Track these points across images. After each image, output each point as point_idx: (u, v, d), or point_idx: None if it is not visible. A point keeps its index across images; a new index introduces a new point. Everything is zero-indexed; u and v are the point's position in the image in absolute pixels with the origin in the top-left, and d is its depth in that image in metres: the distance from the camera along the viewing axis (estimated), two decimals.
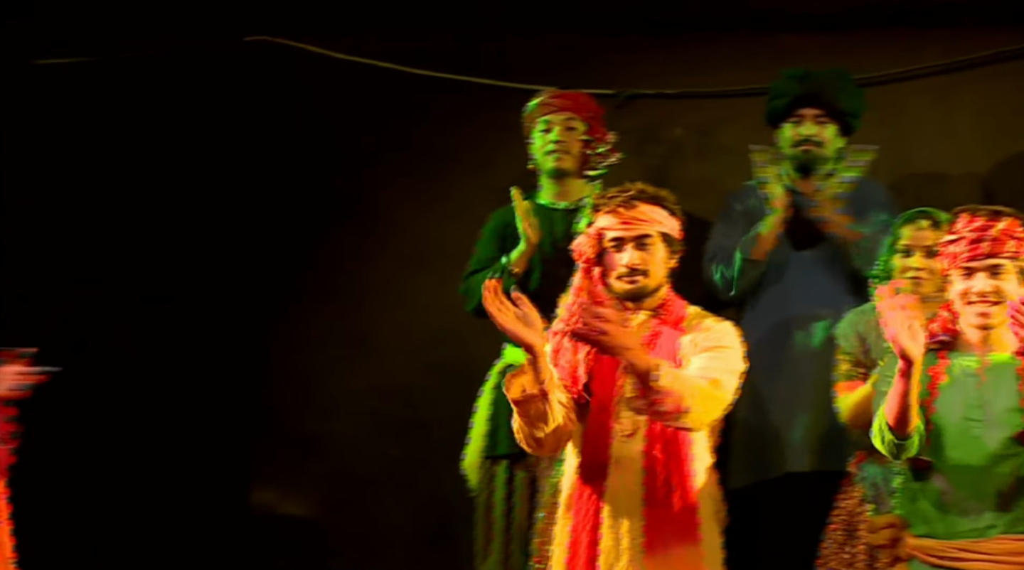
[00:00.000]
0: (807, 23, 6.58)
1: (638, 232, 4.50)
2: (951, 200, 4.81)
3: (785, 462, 5.79)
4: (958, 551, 4.34)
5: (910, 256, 5.27)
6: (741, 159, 6.47)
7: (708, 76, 6.68)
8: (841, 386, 5.34)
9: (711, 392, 4.35)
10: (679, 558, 4.39)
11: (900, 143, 6.53)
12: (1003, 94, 6.50)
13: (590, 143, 5.95)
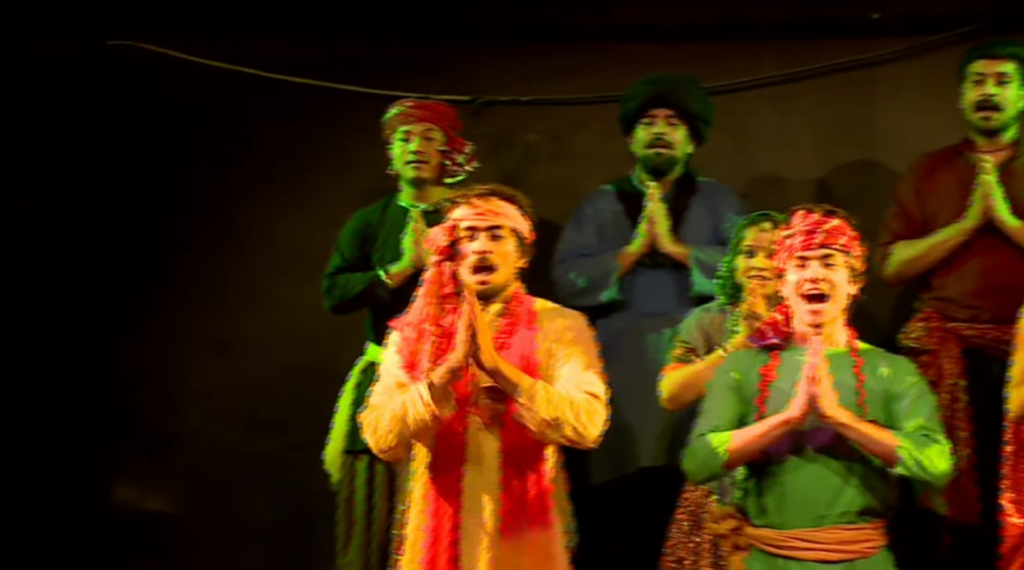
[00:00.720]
0: (655, 33, 6.71)
1: (491, 222, 4.51)
2: (791, 203, 4.88)
3: (639, 457, 5.90)
4: (794, 541, 4.44)
5: (753, 257, 5.36)
6: (593, 163, 6.64)
7: (561, 83, 6.78)
8: (669, 367, 5.43)
9: (589, 405, 4.41)
10: (533, 542, 4.44)
11: (743, 150, 6.73)
12: (836, 103, 6.69)
13: (448, 153, 6.01)
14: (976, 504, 5.60)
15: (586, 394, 4.42)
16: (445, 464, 4.48)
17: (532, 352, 4.50)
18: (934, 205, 5.96)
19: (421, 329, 4.48)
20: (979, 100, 5.89)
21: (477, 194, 4.56)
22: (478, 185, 4.64)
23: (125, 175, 6.83)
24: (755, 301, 5.20)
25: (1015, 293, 5.39)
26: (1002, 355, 5.23)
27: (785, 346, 4.62)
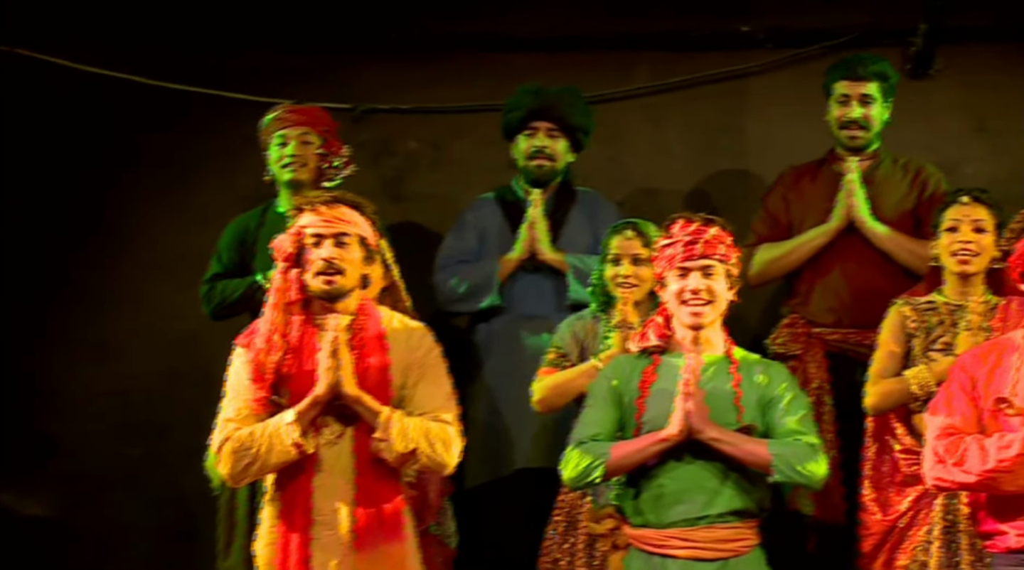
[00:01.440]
0: (532, 44, 6.77)
1: (337, 229, 4.51)
2: (665, 211, 4.95)
3: (516, 459, 5.91)
4: (672, 539, 4.48)
5: (619, 264, 5.40)
6: (473, 172, 6.67)
7: (441, 92, 6.79)
8: (544, 371, 5.44)
9: (444, 433, 4.46)
10: (388, 555, 4.45)
11: (617, 159, 6.79)
12: (708, 113, 6.79)
13: (325, 156, 5.96)
14: (841, 504, 5.68)
15: (441, 422, 4.48)
16: (297, 476, 4.47)
17: (384, 368, 4.53)
18: (800, 211, 6.06)
19: (269, 340, 4.49)
20: (844, 121, 6.00)
21: (323, 201, 4.55)
22: (323, 192, 4.67)
23: (5, 180, 6.73)
24: (625, 309, 5.25)
25: (876, 298, 5.52)
26: (864, 358, 5.36)
27: (665, 349, 4.67)
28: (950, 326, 5.18)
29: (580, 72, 6.62)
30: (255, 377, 4.48)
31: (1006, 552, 4.28)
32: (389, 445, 4.40)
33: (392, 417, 4.42)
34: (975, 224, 5.17)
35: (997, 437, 4.24)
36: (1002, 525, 4.28)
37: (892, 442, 5.27)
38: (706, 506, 4.48)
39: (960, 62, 6.65)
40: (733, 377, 4.58)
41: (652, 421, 4.53)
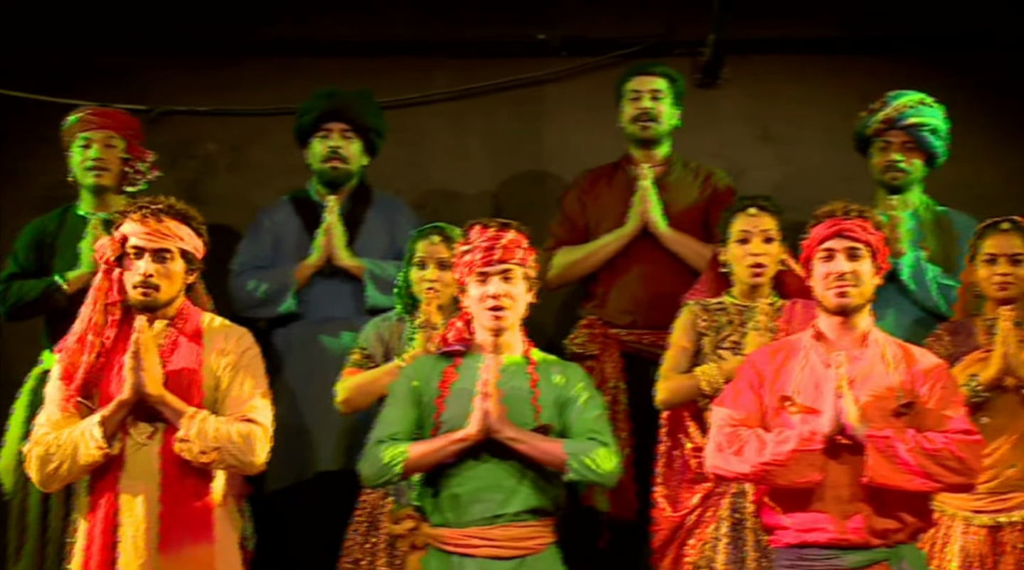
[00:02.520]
0: (331, 48, 6.74)
1: (159, 245, 4.48)
2: (466, 215, 4.98)
3: (318, 462, 5.86)
4: (469, 538, 4.48)
5: (425, 268, 5.39)
6: (271, 174, 6.60)
7: (240, 95, 6.73)
8: (348, 372, 5.41)
9: (251, 434, 4.44)
10: (193, 557, 4.40)
11: (417, 163, 6.79)
12: (506, 119, 6.83)
13: (129, 161, 5.87)
14: (634, 501, 5.73)
15: (250, 423, 4.46)
16: (105, 478, 4.43)
17: (197, 368, 4.50)
18: (596, 215, 6.12)
19: (83, 339, 4.44)
20: (636, 114, 6.09)
21: (151, 212, 4.50)
22: (154, 198, 4.57)
23: None
24: (430, 311, 5.24)
25: (670, 300, 5.58)
26: (659, 358, 5.43)
27: (466, 351, 4.67)
28: (738, 326, 5.27)
29: (380, 77, 6.62)
30: (65, 375, 4.42)
31: (786, 547, 4.37)
32: (191, 446, 4.37)
33: (195, 417, 4.38)
34: (764, 234, 5.28)
35: (776, 432, 4.34)
36: (783, 520, 4.37)
37: (684, 440, 5.34)
38: (503, 505, 4.49)
39: (746, 72, 6.80)
40: (531, 378, 4.60)
41: (451, 421, 4.53)
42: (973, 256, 5.24)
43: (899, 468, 4.23)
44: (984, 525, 5.00)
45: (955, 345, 5.20)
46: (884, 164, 5.90)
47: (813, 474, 4.27)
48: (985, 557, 4.98)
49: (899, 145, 5.88)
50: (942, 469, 4.25)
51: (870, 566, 4.29)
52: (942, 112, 5.91)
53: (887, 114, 5.89)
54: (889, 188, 5.90)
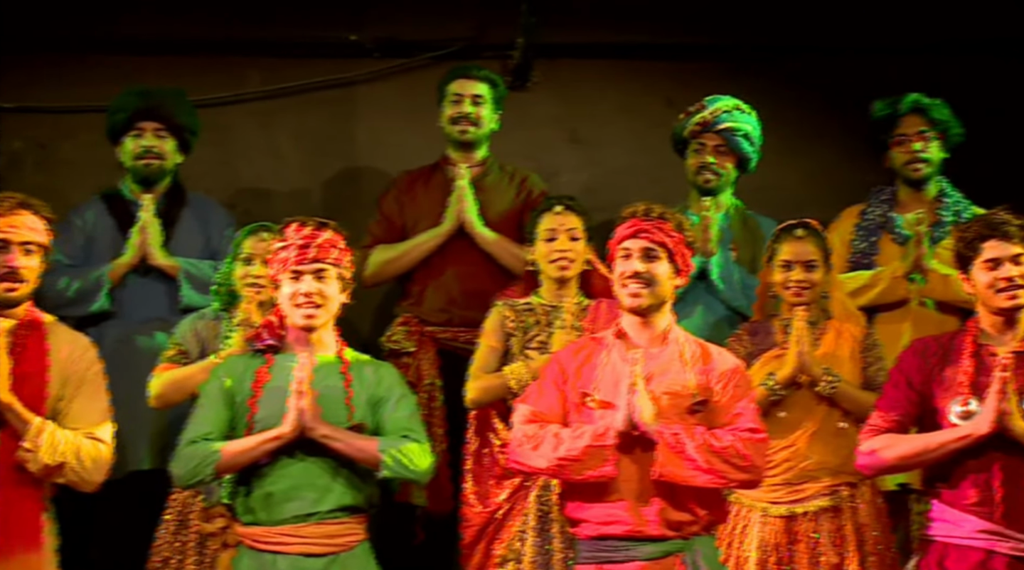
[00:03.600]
0: (143, 47, 6.66)
1: (25, 237, 4.46)
2: (278, 214, 4.96)
3: (128, 462, 5.78)
4: (281, 536, 4.46)
5: (251, 264, 5.37)
6: (81, 172, 6.48)
7: (49, 92, 6.61)
8: (162, 367, 5.36)
9: (96, 452, 4.42)
10: (24, 563, 4.36)
11: (230, 162, 6.74)
12: (319, 119, 6.81)
13: None
14: (450, 496, 5.76)
15: (94, 439, 4.44)
16: None
17: (43, 373, 4.45)
18: (414, 215, 6.15)
19: None
20: (456, 116, 6.13)
21: (9, 207, 4.46)
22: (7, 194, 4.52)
23: None
24: (250, 308, 5.20)
25: (485, 299, 5.65)
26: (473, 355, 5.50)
27: (279, 349, 4.66)
28: (546, 326, 5.34)
29: (191, 76, 6.55)
30: None
31: (586, 539, 4.43)
32: (36, 456, 4.32)
33: (44, 429, 4.33)
34: (570, 233, 5.36)
35: (573, 428, 4.40)
36: (584, 513, 4.43)
37: (492, 437, 5.39)
38: (316, 503, 4.48)
39: (555, 76, 6.88)
40: (344, 377, 4.60)
41: (264, 420, 4.51)
42: (770, 258, 5.35)
43: (686, 464, 4.31)
44: (780, 515, 5.13)
45: (755, 344, 5.32)
46: (698, 165, 6.02)
47: (607, 469, 4.33)
48: (781, 546, 5.11)
49: (713, 148, 6.00)
50: (728, 467, 4.34)
51: (665, 557, 4.36)
52: (756, 119, 6.05)
53: (703, 117, 6.00)
54: (702, 190, 6.01)
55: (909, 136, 5.96)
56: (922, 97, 5.97)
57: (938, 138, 5.98)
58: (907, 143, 5.97)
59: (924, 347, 4.64)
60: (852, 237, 5.96)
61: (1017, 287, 4.48)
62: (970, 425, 4.40)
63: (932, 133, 5.96)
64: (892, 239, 5.94)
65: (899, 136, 5.97)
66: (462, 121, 6.13)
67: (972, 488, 4.42)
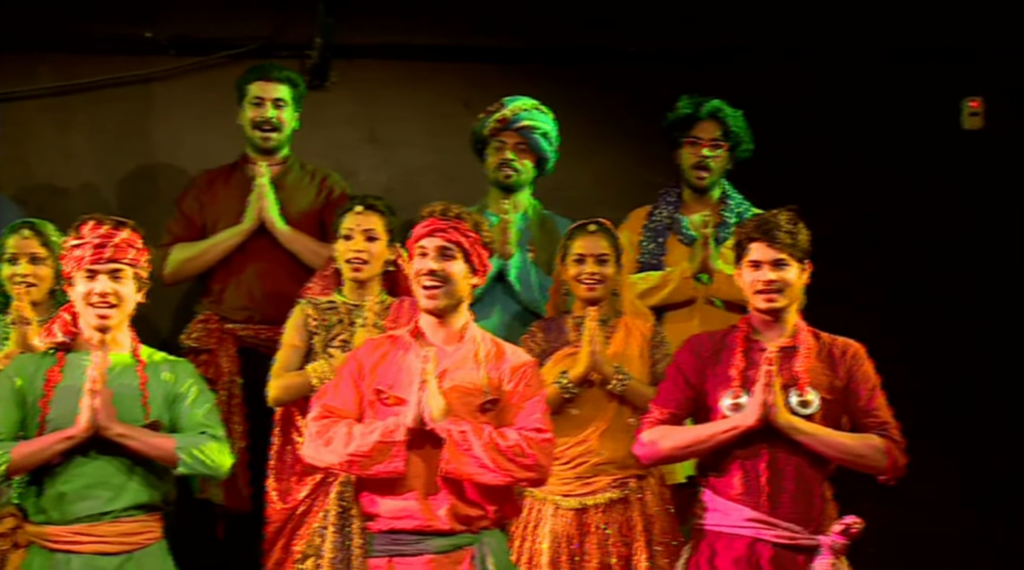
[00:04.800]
0: None
1: None
2: (72, 212, 4.91)
3: None
4: (74, 535, 4.44)
5: (16, 264, 5.30)
6: None
7: None
8: None
9: None
10: None
11: (21, 159, 6.60)
12: (114, 116, 6.70)
13: None
14: (249, 493, 5.76)
15: None
16: None
17: None
18: (214, 213, 6.10)
19: None
20: (258, 121, 6.10)
21: None
22: None
23: None
24: (22, 307, 5.11)
25: (286, 297, 5.65)
26: (275, 353, 5.46)
27: (71, 347, 4.60)
28: (348, 324, 5.35)
29: None
30: None
31: (380, 533, 4.47)
32: None
33: None
34: (367, 233, 5.38)
35: (365, 423, 4.44)
36: (376, 508, 4.47)
37: (295, 435, 5.38)
38: (111, 501, 4.46)
39: (353, 76, 6.86)
40: (140, 376, 4.58)
41: (56, 420, 4.46)
42: (563, 256, 5.44)
43: (472, 462, 4.37)
44: (572, 508, 5.22)
45: (548, 342, 5.40)
46: (498, 162, 6.07)
47: (397, 464, 4.38)
48: (572, 538, 5.20)
49: (512, 146, 6.05)
50: (513, 465, 4.41)
51: (454, 551, 4.43)
52: (553, 119, 6.12)
53: (503, 115, 6.05)
54: (502, 187, 6.07)
55: (702, 140, 6.09)
56: (725, 106, 6.10)
57: (729, 149, 6.11)
58: (698, 146, 6.09)
59: (698, 344, 4.77)
60: (641, 238, 6.08)
61: (774, 291, 4.62)
62: (738, 417, 4.55)
63: (724, 142, 6.10)
64: (679, 240, 6.07)
65: (693, 138, 6.10)
66: (264, 126, 6.10)
67: (740, 478, 4.56)
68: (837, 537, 4.51)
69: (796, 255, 4.63)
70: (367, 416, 4.49)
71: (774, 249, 4.61)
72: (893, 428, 4.63)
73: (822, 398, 4.59)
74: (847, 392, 4.64)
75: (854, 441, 4.58)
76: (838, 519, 4.56)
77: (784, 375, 4.58)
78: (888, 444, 4.59)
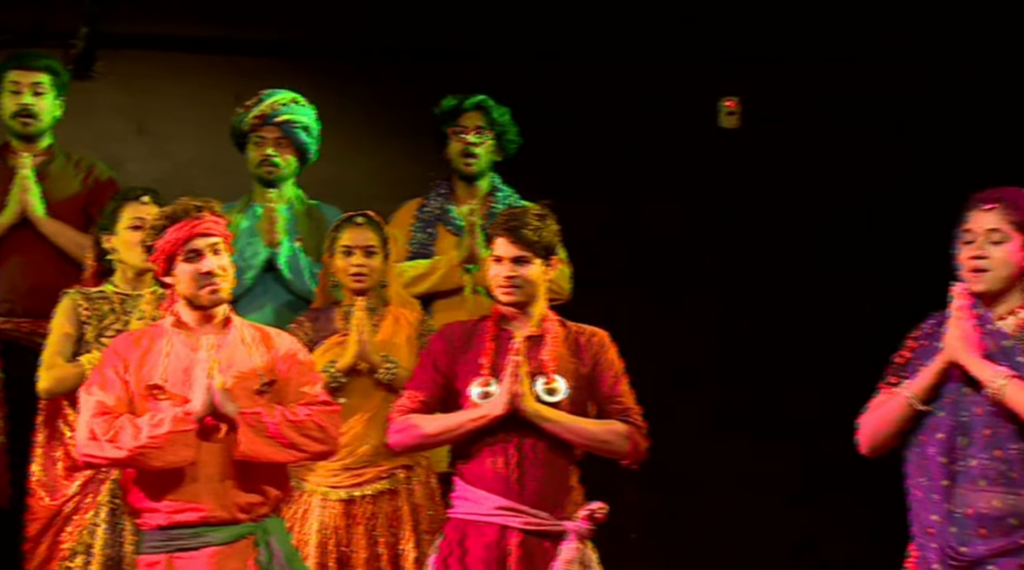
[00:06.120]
0: None
1: None
2: None
3: None
4: None
5: None
6: None
7: None
8: None
9: None
10: None
11: None
12: None
13: None
14: (7, 488, 5.62)
15: None
16: None
17: None
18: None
19: None
20: (16, 109, 5.95)
21: None
22: None
23: None
24: None
25: (50, 289, 5.50)
26: (37, 347, 5.33)
27: None
28: (121, 314, 5.27)
29: None
30: None
31: (156, 529, 4.41)
32: None
33: None
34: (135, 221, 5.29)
35: (150, 415, 4.36)
36: (153, 503, 4.40)
37: (64, 428, 5.28)
38: None
39: (120, 67, 6.74)
40: None
41: None
42: (331, 247, 5.45)
43: (269, 441, 4.37)
44: (340, 499, 5.24)
45: (316, 331, 5.41)
46: (259, 158, 6.02)
47: (188, 454, 4.33)
48: (340, 529, 5.22)
49: (273, 141, 6.01)
50: (307, 439, 4.42)
51: (238, 541, 4.40)
52: (314, 112, 6.10)
53: (261, 110, 6.01)
54: (264, 182, 6.03)
55: (467, 129, 6.16)
56: (488, 99, 6.17)
57: (494, 139, 6.18)
58: (464, 135, 6.16)
59: (450, 332, 4.82)
60: (411, 228, 6.11)
61: (513, 286, 4.67)
62: (486, 406, 4.60)
63: (489, 131, 6.17)
64: (449, 230, 6.12)
65: (459, 128, 6.16)
66: (22, 114, 5.95)
67: (490, 467, 4.61)
68: (583, 522, 4.59)
69: (539, 252, 4.68)
70: (140, 409, 4.40)
71: (516, 246, 4.66)
72: (635, 414, 4.72)
73: (568, 386, 4.66)
74: (592, 379, 4.72)
75: (598, 427, 4.67)
76: (584, 504, 4.63)
77: (532, 364, 4.64)
78: (630, 429, 4.68)
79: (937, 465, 4.17)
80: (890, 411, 4.27)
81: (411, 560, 5.20)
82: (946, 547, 4.13)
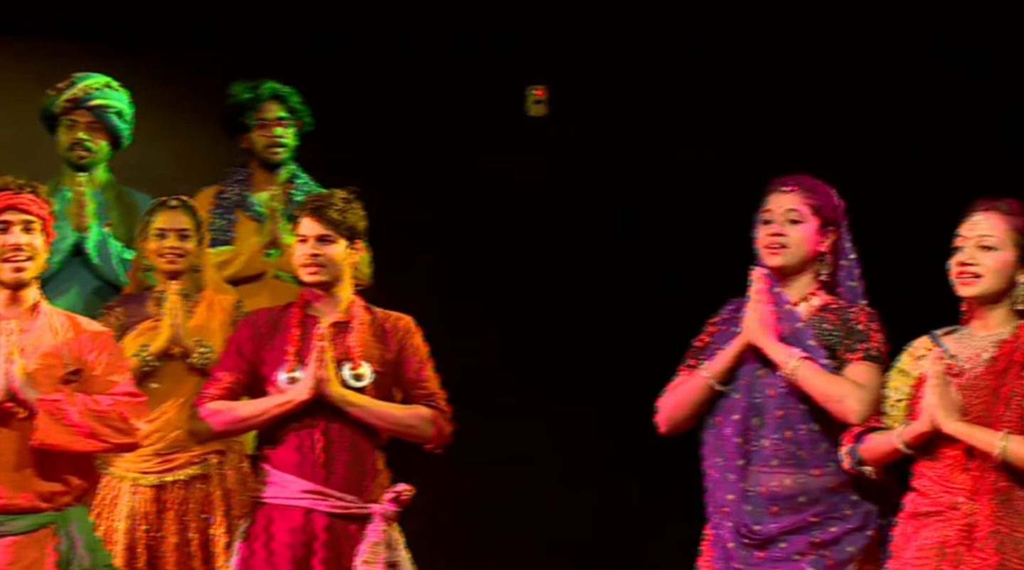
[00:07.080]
0: None
1: None
2: None
3: None
4: None
5: None
6: None
7: None
8: None
9: None
10: None
11: None
12: None
13: None
14: None
15: None
16: None
17: None
18: None
19: None
20: None
21: None
22: None
23: None
24: None
25: None
26: None
27: None
28: None
29: None
30: None
31: None
32: None
33: None
34: None
35: None
36: None
37: None
38: None
39: None
40: None
41: None
42: (144, 231, 5.41)
43: (69, 430, 4.32)
44: (151, 485, 5.21)
45: (127, 316, 5.36)
46: (71, 142, 5.93)
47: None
48: (150, 515, 5.19)
49: (85, 125, 5.92)
50: (109, 430, 4.38)
51: (37, 530, 4.35)
52: (127, 96, 6.02)
53: (73, 94, 5.91)
54: (75, 166, 5.93)
55: (270, 121, 6.15)
56: (279, 85, 6.18)
57: (295, 125, 6.19)
58: (269, 128, 6.15)
59: (256, 317, 4.84)
60: (210, 214, 6.07)
61: (317, 265, 4.72)
62: (292, 392, 4.63)
63: (290, 120, 6.17)
64: (248, 217, 6.12)
65: (261, 120, 6.15)
66: None
67: (296, 451, 4.63)
68: (389, 505, 4.65)
69: (343, 233, 4.73)
70: None
71: (320, 225, 4.70)
72: (440, 398, 4.80)
73: (374, 371, 4.70)
74: (398, 364, 4.77)
75: (403, 412, 4.73)
76: (390, 487, 4.68)
77: (338, 349, 4.68)
78: (435, 414, 4.75)
79: (733, 445, 4.32)
80: (689, 391, 4.41)
81: (222, 545, 5.19)
82: (740, 526, 4.28)
